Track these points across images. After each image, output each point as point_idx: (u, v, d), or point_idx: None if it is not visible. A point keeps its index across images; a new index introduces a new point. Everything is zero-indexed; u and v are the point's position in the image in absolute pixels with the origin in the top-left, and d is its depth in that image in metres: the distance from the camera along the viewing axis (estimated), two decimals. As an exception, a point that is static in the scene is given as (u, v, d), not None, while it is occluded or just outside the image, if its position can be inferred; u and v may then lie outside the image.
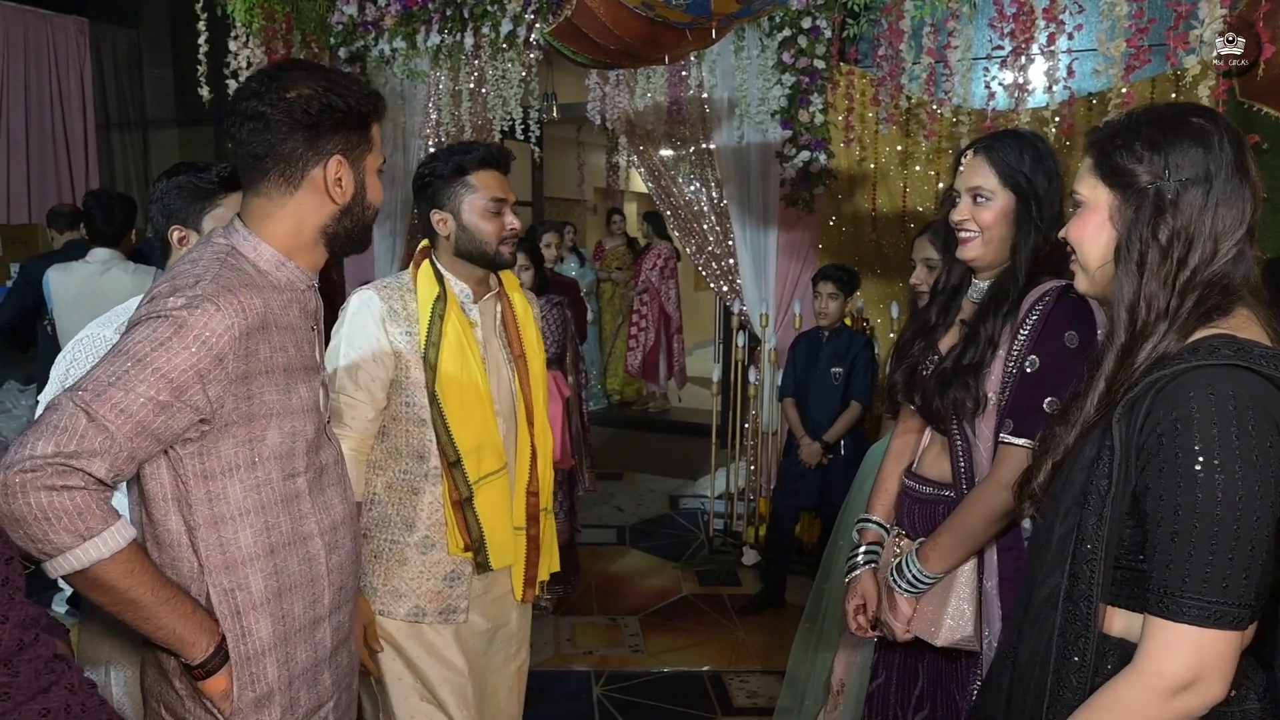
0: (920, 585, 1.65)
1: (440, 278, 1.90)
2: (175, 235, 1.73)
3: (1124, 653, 1.06)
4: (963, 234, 1.65)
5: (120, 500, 1.60)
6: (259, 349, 1.25)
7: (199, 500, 1.24)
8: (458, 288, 1.93)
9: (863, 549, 1.84)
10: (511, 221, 1.90)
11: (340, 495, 1.44)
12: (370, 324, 1.84)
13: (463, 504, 1.87)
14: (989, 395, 1.59)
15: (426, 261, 1.93)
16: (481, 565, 1.91)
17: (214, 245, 1.30)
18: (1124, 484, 1.03)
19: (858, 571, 1.82)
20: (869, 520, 1.86)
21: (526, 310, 2.07)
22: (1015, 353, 1.57)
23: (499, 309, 2.03)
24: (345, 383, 1.82)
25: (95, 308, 3.75)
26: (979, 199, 1.62)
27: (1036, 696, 1.12)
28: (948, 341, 1.72)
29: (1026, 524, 1.54)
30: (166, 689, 1.30)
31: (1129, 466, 1.03)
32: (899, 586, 1.67)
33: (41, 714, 0.99)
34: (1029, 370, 1.55)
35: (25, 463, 1.09)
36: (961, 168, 1.67)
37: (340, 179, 1.32)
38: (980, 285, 1.69)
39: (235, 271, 1.26)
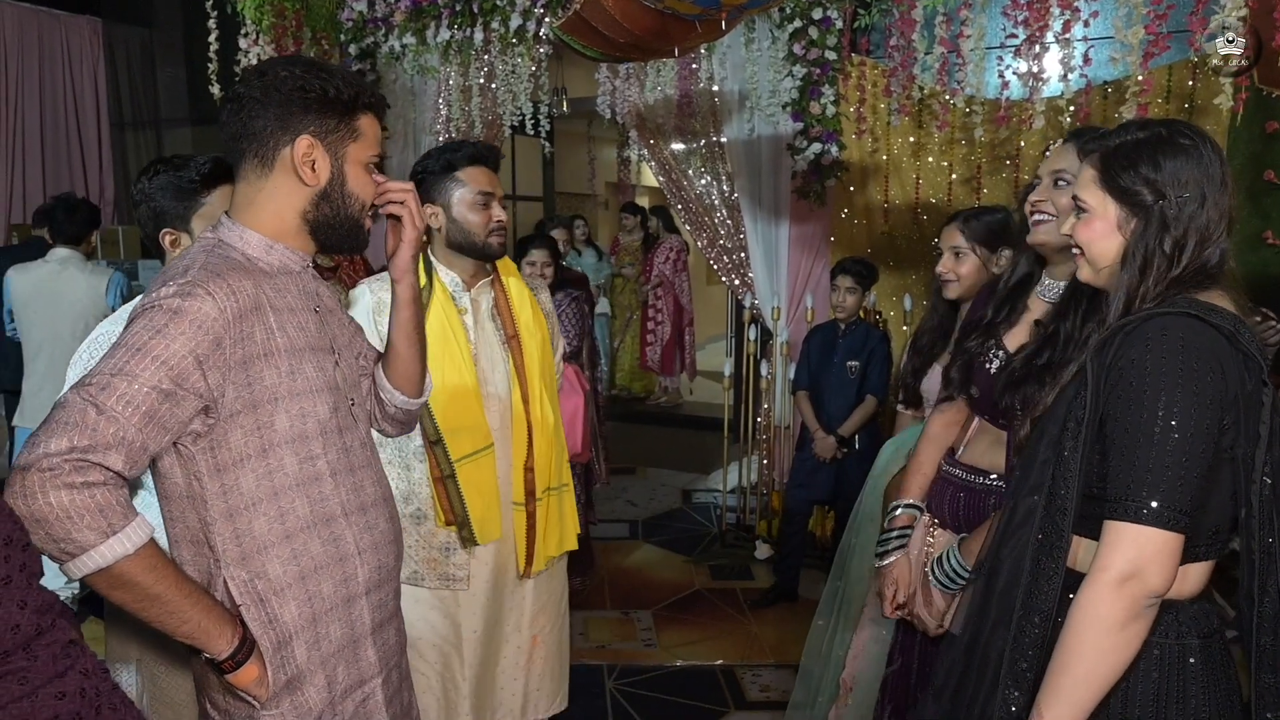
0: (959, 581, 1.63)
1: (430, 270, 2.03)
2: (167, 239, 1.67)
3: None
4: (1038, 216, 1.62)
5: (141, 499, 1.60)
6: (254, 331, 1.25)
7: (214, 495, 1.24)
8: (447, 277, 2.06)
9: (896, 533, 1.82)
10: (498, 214, 2.02)
11: (372, 477, 1.44)
12: (362, 317, 2.00)
13: (444, 480, 1.99)
14: None
15: (420, 255, 2.01)
16: (466, 539, 2.02)
17: (202, 240, 1.34)
18: (1094, 412, 1.21)
19: (892, 558, 1.80)
20: (906, 504, 1.84)
21: (521, 293, 2.16)
22: None
23: (493, 295, 2.12)
24: None
25: (52, 308, 3.79)
26: (1060, 182, 1.60)
27: (1007, 602, 1.28)
28: (1015, 339, 1.68)
29: None
30: (207, 683, 1.33)
31: (1098, 396, 1.21)
32: (937, 581, 1.65)
33: (58, 697, 1.00)
34: None
35: (41, 461, 1.07)
36: (1048, 154, 1.64)
37: (313, 160, 1.31)
38: (1056, 284, 1.64)
39: (223, 259, 1.27)
